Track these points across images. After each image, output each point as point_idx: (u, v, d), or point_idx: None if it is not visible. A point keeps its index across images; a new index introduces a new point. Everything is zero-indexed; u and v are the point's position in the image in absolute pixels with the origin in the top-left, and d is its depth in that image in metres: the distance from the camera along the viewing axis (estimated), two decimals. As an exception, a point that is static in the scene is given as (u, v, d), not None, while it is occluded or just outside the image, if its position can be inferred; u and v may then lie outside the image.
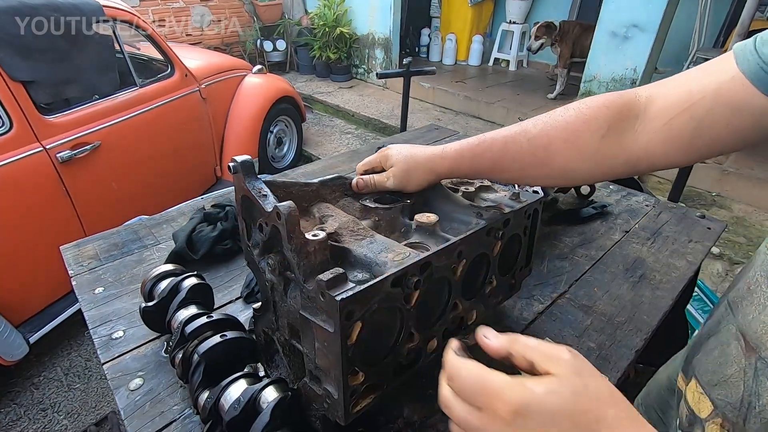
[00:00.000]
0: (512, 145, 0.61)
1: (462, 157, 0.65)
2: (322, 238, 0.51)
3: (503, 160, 0.62)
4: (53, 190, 1.93)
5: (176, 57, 2.63)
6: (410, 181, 0.68)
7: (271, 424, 0.53)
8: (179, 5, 5.23)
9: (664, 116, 0.51)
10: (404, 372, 0.59)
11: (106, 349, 0.78)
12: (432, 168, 0.67)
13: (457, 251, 0.59)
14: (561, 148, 0.58)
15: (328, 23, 5.43)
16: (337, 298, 0.44)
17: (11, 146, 1.78)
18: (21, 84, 1.79)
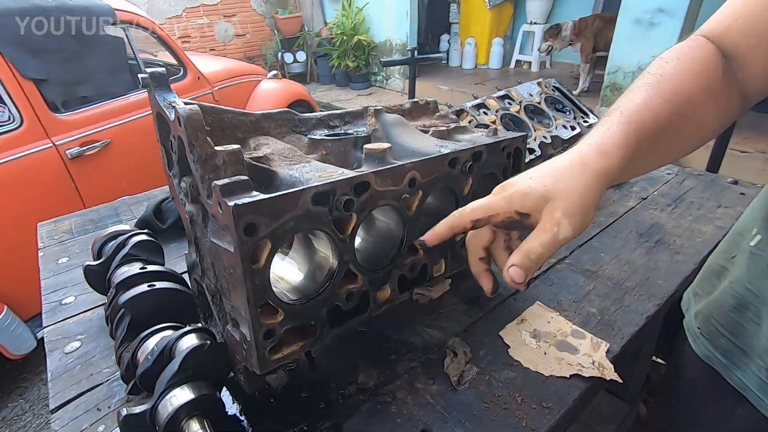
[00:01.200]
0: (663, 111, 0.44)
1: (628, 148, 0.43)
2: (233, 149, 0.43)
3: (659, 134, 0.44)
4: (62, 186, 1.96)
5: (189, 61, 2.67)
6: (589, 216, 0.42)
7: (179, 374, 0.45)
8: (204, 21, 5.42)
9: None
10: (345, 320, 0.49)
11: (52, 314, 0.73)
12: (602, 186, 0.43)
13: (407, 178, 0.50)
14: (700, 100, 0.44)
15: (346, 32, 5.49)
16: (230, 203, 0.36)
17: (21, 142, 1.82)
18: (32, 82, 1.84)
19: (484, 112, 0.92)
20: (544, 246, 0.41)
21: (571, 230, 0.41)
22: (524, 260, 0.42)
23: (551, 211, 0.41)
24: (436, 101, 0.78)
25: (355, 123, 0.67)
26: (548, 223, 0.41)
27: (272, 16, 5.99)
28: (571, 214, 0.41)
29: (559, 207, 0.41)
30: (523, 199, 0.43)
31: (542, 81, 1.10)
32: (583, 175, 0.42)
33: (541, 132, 0.95)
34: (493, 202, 0.44)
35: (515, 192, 0.43)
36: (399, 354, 0.61)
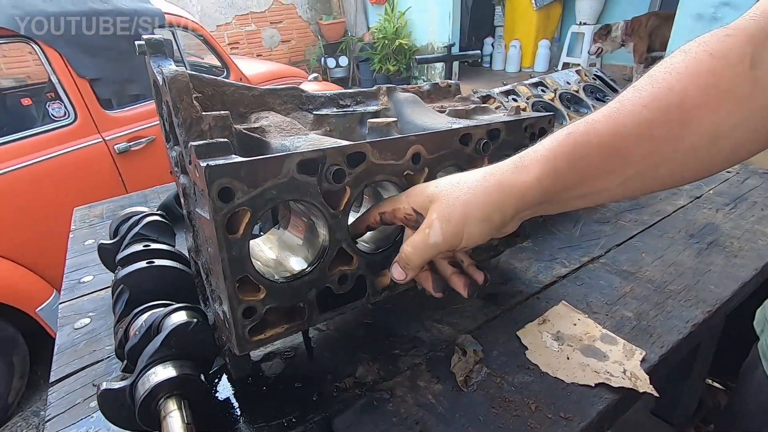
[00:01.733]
0: (627, 119, 0.34)
1: (555, 161, 0.36)
2: (220, 114, 0.41)
3: (622, 148, 0.35)
4: (109, 178, 2.06)
5: (232, 63, 2.76)
6: (470, 229, 0.38)
7: (161, 351, 0.43)
8: (251, 28, 5.63)
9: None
10: (337, 305, 0.45)
11: (70, 291, 0.74)
12: (503, 200, 0.38)
13: (410, 152, 0.45)
14: (701, 101, 0.33)
15: (388, 36, 5.50)
16: (202, 164, 0.33)
17: (75, 136, 1.94)
18: (86, 81, 1.96)
19: (514, 99, 0.86)
20: (413, 246, 0.40)
21: (441, 237, 0.39)
22: (399, 258, 0.42)
23: (430, 213, 0.40)
24: (458, 83, 0.72)
25: (367, 102, 0.63)
26: (424, 224, 0.40)
27: (317, 22, 6.13)
28: (445, 219, 0.38)
29: (436, 209, 0.39)
30: (417, 197, 0.42)
31: (582, 69, 1.02)
32: (478, 184, 0.39)
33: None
34: (397, 197, 0.44)
35: (414, 189, 0.43)
36: (403, 349, 0.56)
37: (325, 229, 0.42)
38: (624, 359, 0.52)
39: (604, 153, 0.35)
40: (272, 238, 0.53)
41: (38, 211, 1.84)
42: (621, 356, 0.52)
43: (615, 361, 0.52)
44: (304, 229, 0.51)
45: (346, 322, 0.61)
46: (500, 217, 0.38)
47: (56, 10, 1.85)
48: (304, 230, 0.50)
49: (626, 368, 0.50)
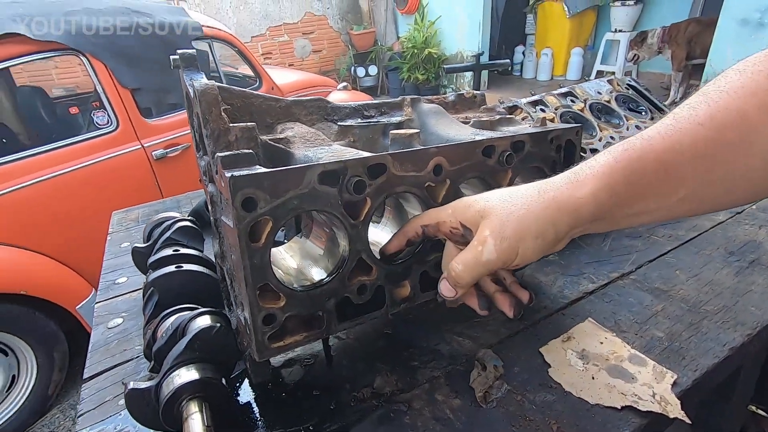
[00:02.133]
0: (683, 137, 0.33)
1: (611, 177, 0.36)
2: (246, 126, 0.42)
3: (678, 167, 0.34)
4: (147, 183, 2.16)
5: (264, 73, 2.85)
6: (524, 246, 0.37)
7: (186, 354, 0.44)
8: (284, 39, 5.79)
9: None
10: (356, 315, 0.46)
11: (105, 292, 0.78)
12: (558, 216, 0.37)
13: (432, 164, 0.45)
14: (758, 120, 0.32)
15: (417, 45, 5.54)
16: (227, 174, 0.35)
17: (116, 143, 2.04)
18: (128, 90, 2.07)
19: (541, 109, 0.84)
20: (465, 263, 0.39)
21: (495, 254, 0.37)
22: (448, 275, 0.41)
23: (482, 229, 0.39)
24: (484, 94, 0.72)
25: (391, 113, 0.64)
26: (475, 240, 0.39)
27: (347, 32, 6.24)
28: (499, 236, 0.37)
29: (489, 225, 0.38)
30: (464, 211, 0.41)
31: (614, 79, 0.99)
32: (532, 200, 0.38)
33: (609, 132, 0.85)
34: (441, 210, 0.44)
35: (461, 202, 0.42)
36: (422, 361, 0.55)
37: (345, 240, 0.43)
38: (653, 382, 0.49)
39: (660, 171, 0.35)
40: (294, 246, 0.54)
41: (81, 213, 1.94)
42: (650, 378, 0.50)
43: (644, 383, 0.49)
44: (326, 238, 0.52)
45: (365, 331, 0.61)
46: (554, 233, 0.37)
47: (104, 24, 1.97)
48: (325, 240, 0.50)
49: (656, 391, 0.48)
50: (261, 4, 5.45)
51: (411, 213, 0.51)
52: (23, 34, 1.74)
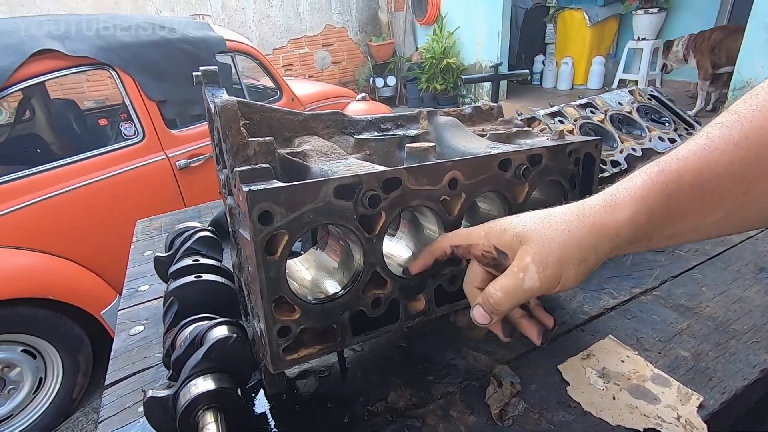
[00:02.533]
0: (719, 158, 0.33)
1: (648, 200, 0.35)
2: (264, 140, 0.43)
3: (715, 187, 0.33)
4: (171, 192, 2.22)
5: (285, 84, 2.91)
6: (567, 273, 0.36)
7: (202, 364, 0.45)
8: (305, 51, 5.91)
9: None
10: (370, 328, 0.46)
11: (128, 299, 0.80)
12: (598, 241, 0.35)
13: (447, 178, 0.45)
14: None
15: (435, 55, 5.57)
16: (245, 188, 0.35)
17: (142, 153, 2.11)
18: (155, 103, 2.14)
19: (560, 121, 0.83)
20: (505, 291, 0.37)
21: (538, 282, 0.36)
22: (485, 301, 0.39)
23: (522, 255, 0.37)
24: (501, 106, 0.72)
25: (407, 126, 0.64)
26: (516, 267, 0.37)
27: (366, 43, 6.33)
28: (542, 263, 0.35)
29: (530, 251, 0.36)
30: (500, 234, 0.39)
31: (636, 89, 0.97)
32: (572, 224, 0.36)
33: (630, 144, 0.83)
34: (473, 231, 0.42)
35: (495, 225, 0.40)
36: (437, 376, 0.55)
37: (360, 253, 0.43)
38: (678, 404, 0.48)
39: (697, 192, 0.34)
40: (310, 258, 0.54)
41: (107, 220, 2.01)
42: (675, 400, 0.48)
43: (668, 405, 0.48)
44: (341, 251, 0.52)
45: (380, 344, 0.61)
46: (595, 258, 0.36)
47: (132, 40, 2.05)
48: (340, 253, 0.51)
49: (680, 414, 0.46)
50: (282, 17, 5.59)
51: (426, 227, 0.51)
52: (58, 50, 1.82)
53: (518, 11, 5.85)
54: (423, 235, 0.53)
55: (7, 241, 1.79)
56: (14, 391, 1.79)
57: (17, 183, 1.80)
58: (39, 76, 1.83)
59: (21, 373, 1.80)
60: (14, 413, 1.80)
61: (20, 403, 1.81)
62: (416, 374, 0.55)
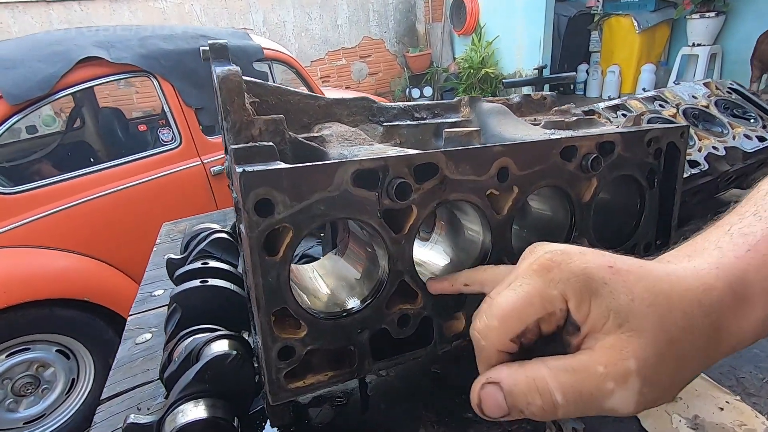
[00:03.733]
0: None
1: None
2: (272, 118, 0.36)
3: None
4: (205, 197, 2.22)
5: (321, 92, 2.90)
6: (669, 395, 0.23)
7: (194, 386, 0.38)
8: (342, 63, 5.97)
9: None
10: (396, 352, 0.37)
11: (140, 304, 0.75)
12: (718, 349, 0.24)
13: (496, 166, 0.36)
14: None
15: (473, 65, 5.46)
16: (238, 169, 0.28)
17: (178, 159, 2.13)
18: (192, 110, 2.16)
19: (623, 115, 0.72)
20: (565, 393, 0.22)
21: (633, 405, 0.22)
22: (518, 390, 0.23)
23: (622, 353, 0.22)
24: (555, 95, 0.62)
25: (445, 115, 0.55)
26: (602, 366, 0.22)
27: (403, 54, 6.32)
28: (649, 379, 0.21)
29: (637, 354, 0.22)
30: (581, 296, 0.23)
31: (712, 81, 0.84)
32: (695, 322, 0.22)
33: (710, 141, 0.71)
34: (540, 295, 0.24)
35: (581, 282, 0.23)
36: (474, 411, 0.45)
37: (384, 258, 0.34)
38: (809, 474, 0.35)
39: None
40: (327, 264, 0.46)
41: (142, 224, 2.03)
42: (803, 468, 0.36)
43: (794, 474, 0.35)
44: (366, 259, 0.44)
45: (409, 369, 0.51)
46: (701, 371, 0.25)
47: (173, 48, 2.09)
48: (362, 257, 0.42)
49: (815, 490, 0.34)
50: (321, 30, 5.68)
51: (468, 227, 0.42)
52: (103, 58, 1.88)
53: (561, 19, 5.66)
54: (463, 238, 0.44)
55: (48, 242, 1.84)
56: (48, 390, 1.81)
57: (59, 186, 1.85)
58: (85, 83, 1.89)
59: (55, 373, 1.82)
60: (47, 413, 1.82)
61: (53, 403, 1.83)
62: (452, 409, 0.46)
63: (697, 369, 0.23)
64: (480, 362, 0.27)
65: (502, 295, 0.25)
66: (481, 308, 0.27)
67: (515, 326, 0.24)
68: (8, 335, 1.68)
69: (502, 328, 0.25)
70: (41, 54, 1.85)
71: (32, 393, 1.77)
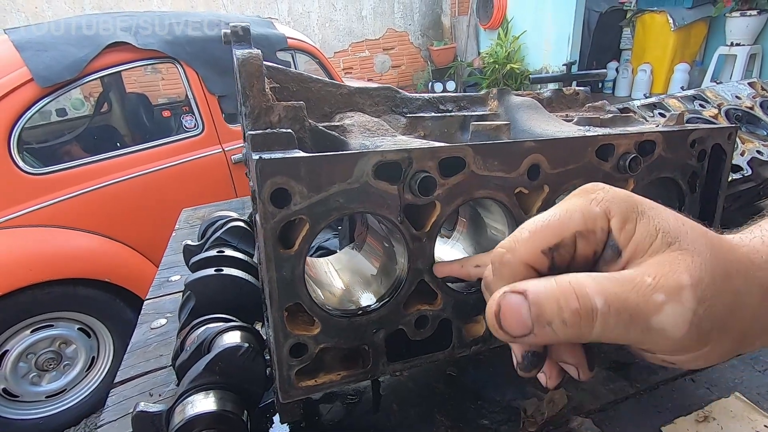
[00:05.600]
0: None
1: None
2: (292, 104, 0.34)
3: None
4: (224, 185, 2.24)
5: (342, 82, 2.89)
6: (723, 338, 0.20)
7: (204, 377, 0.37)
8: (365, 55, 5.93)
9: None
10: (412, 354, 0.35)
11: (157, 289, 0.75)
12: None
13: (527, 163, 0.34)
14: None
15: (498, 60, 5.36)
16: (255, 156, 0.26)
17: (200, 146, 2.15)
18: (215, 97, 2.18)
19: (660, 114, 0.68)
20: (607, 298, 0.19)
21: (685, 327, 0.18)
22: (542, 296, 0.19)
23: (674, 267, 0.19)
24: (588, 91, 0.59)
25: (472, 108, 0.53)
26: (651, 276, 0.19)
27: (427, 48, 6.24)
28: (704, 298, 0.19)
29: (691, 269, 0.19)
30: (627, 214, 0.21)
31: (757, 81, 0.79)
32: (752, 278, 0.20)
33: (754, 145, 0.66)
34: (575, 205, 0.22)
35: (609, 193, 0.22)
36: (494, 420, 0.43)
37: (403, 256, 0.33)
38: None
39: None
40: (343, 259, 0.45)
41: (163, 209, 2.06)
42: None
43: None
44: (382, 253, 0.42)
45: (423, 369, 0.50)
46: (759, 340, 0.22)
47: (198, 35, 2.10)
48: (381, 255, 0.41)
49: None
50: (345, 21, 5.65)
51: (492, 227, 0.40)
52: (130, 43, 1.90)
53: (591, 15, 5.48)
54: (485, 237, 0.42)
55: (74, 223, 1.89)
56: (69, 367, 1.87)
57: (85, 168, 1.89)
58: (112, 67, 1.92)
59: (76, 350, 1.88)
60: (67, 388, 1.88)
61: (73, 379, 1.89)
62: (467, 414, 0.44)
63: (753, 323, 0.20)
64: (499, 281, 0.22)
65: (537, 216, 0.23)
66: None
67: (550, 237, 0.21)
68: (33, 311, 1.74)
69: (534, 237, 0.22)
70: (71, 38, 1.88)
71: (54, 368, 1.82)
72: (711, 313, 0.19)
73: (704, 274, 0.19)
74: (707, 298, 0.19)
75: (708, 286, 0.19)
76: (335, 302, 0.37)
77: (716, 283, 0.19)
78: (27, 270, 1.67)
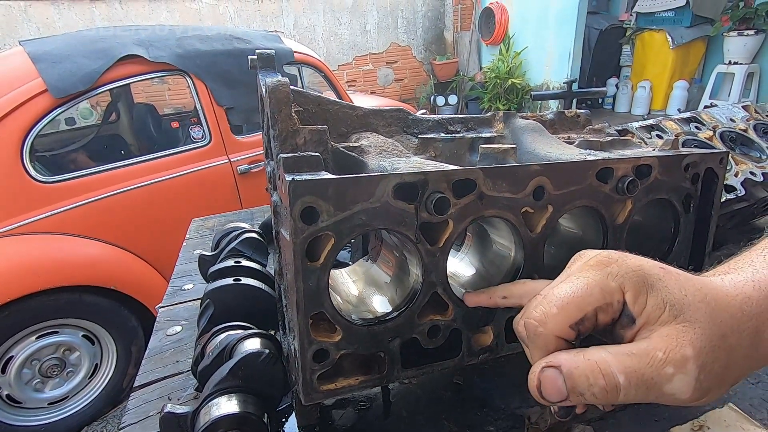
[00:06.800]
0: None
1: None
2: (316, 128, 0.37)
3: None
4: (230, 195, 2.28)
5: (348, 98, 2.94)
6: (719, 390, 0.25)
7: (228, 381, 0.39)
8: (368, 68, 6.02)
9: None
10: (425, 361, 0.37)
11: (171, 297, 0.78)
12: (757, 326, 0.25)
13: (532, 185, 0.37)
14: None
15: (500, 75, 5.44)
16: (287, 178, 0.29)
17: (207, 156, 2.19)
18: (223, 109, 2.22)
19: (658, 135, 0.71)
20: (628, 376, 0.23)
21: (689, 393, 0.23)
22: (578, 371, 0.24)
23: (680, 341, 0.23)
24: (589, 113, 0.62)
25: (479, 129, 0.56)
26: (661, 351, 0.23)
27: (430, 62, 6.34)
28: (705, 367, 0.23)
29: (694, 343, 0.23)
30: (638, 289, 0.25)
31: (751, 104, 0.83)
32: (741, 321, 0.25)
33: (747, 167, 0.69)
34: (594, 291, 0.26)
35: (624, 266, 0.26)
36: (499, 427, 0.45)
37: (418, 268, 0.35)
38: None
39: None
40: (359, 270, 0.47)
41: (169, 218, 2.09)
42: None
43: None
44: (394, 264, 0.45)
45: (431, 378, 0.52)
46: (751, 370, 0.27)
47: (208, 49, 2.16)
48: (394, 266, 0.43)
49: None
50: (350, 35, 5.75)
51: (497, 242, 0.43)
52: (142, 56, 1.95)
53: (591, 32, 5.59)
54: (491, 251, 0.45)
55: (81, 231, 1.91)
56: (72, 374, 1.88)
57: (93, 177, 1.93)
58: (124, 79, 1.97)
59: (80, 357, 1.89)
60: (70, 395, 1.89)
61: (76, 386, 1.89)
62: (473, 421, 0.46)
63: (743, 368, 0.25)
64: (535, 349, 0.27)
65: (560, 287, 0.27)
66: (534, 301, 0.28)
67: (574, 313, 0.25)
68: (40, 318, 1.75)
69: (561, 314, 0.26)
70: (85, 50, 1.93)
71: (58, 375, 1.83)
72: (710, 376, 0.23)
73: (704, 343, 0.23)
74: (708, 363, 0.23)
75: (708, 353, 0.23)
76: (351, 310, 0.39)
77: (714, 346, 0.24)
78: (35, 276, 1.70)
